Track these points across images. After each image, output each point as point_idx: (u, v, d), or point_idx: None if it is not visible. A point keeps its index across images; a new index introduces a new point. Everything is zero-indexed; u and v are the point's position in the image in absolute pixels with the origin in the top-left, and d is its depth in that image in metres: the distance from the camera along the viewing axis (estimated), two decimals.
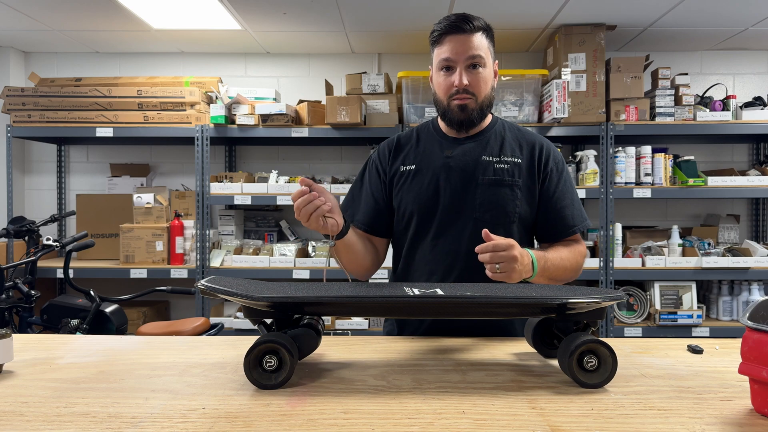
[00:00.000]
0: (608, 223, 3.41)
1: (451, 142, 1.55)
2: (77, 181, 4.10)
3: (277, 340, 1.00)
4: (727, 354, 1.22)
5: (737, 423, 0.85)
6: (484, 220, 1.46)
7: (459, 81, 1.44)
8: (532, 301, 1.06)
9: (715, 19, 3.32)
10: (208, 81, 3.70)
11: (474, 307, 1.10)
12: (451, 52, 1.44)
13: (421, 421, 0.85)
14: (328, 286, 1.15)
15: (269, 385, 0.99)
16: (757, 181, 3.42)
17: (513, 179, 1.49)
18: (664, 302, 3.46)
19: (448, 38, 1.45)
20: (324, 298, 1.05)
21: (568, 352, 1.00)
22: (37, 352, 1.22)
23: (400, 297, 1.05)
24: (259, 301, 1.02)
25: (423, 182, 1.52)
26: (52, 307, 2.79)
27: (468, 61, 1.44)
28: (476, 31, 1.44)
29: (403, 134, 1.64)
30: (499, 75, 1.96)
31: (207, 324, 2.94)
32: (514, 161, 1.51)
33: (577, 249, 1.51)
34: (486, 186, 1.48)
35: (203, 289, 1.05)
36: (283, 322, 1.09)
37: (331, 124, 3.42)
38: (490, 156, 1.51)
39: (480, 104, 1.48)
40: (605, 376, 1.00)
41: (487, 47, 1.47)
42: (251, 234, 3.93)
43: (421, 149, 1.57)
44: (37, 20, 3.35)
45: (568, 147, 3.87)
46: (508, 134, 1.56)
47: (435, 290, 1.08)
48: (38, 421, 0.85)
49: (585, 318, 1.08)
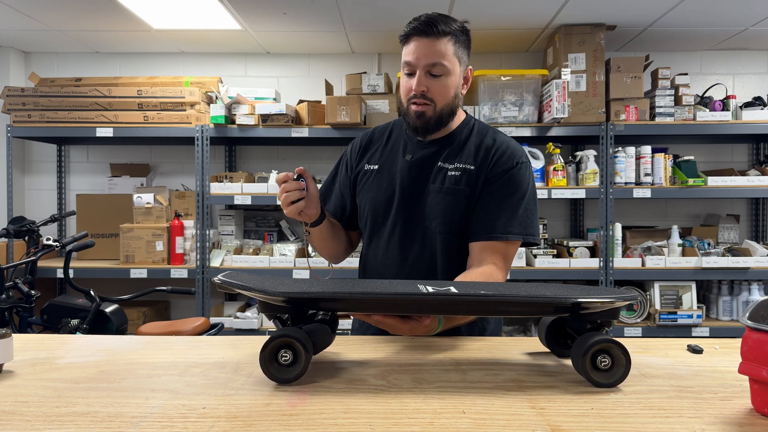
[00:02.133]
0: (608, 223, 3.41)
1: (415, 144, 1.51)
2: (77, 181, 4.10)
3: (292, 334, 1.00)
4: (727, 354, 1.22)
5: (737, 423, 0.85)
6: (431, 229, 1.44)
7: (416, 86, 1.40)
8: (546, 300, 1.05)
9: (715, 19, 3.32)
10: (208, 81, 3.70)
11: (488, 306, 1.10)
12: (413, 55, 1.39)
13: (421, 420, 0.85)
14: (342, 282, 1.15)
15: (285, 379, 1.00)
16: (757, 181, 3.42)
17: (460, 187, 1.43)
18: (664, 302, 3.46)
19: (413, 39, 1.39)
20: (339, 294, 1.05)
21: (581, 352, 1.00)
22: (37, 352, 1.22)
23: (414, 294, 1.05)
24: (274, 296, 1.03)
25: (381, 185, 1.51)
26: (52, 307, 2.79)
27: (427, 67, 1.38)
28: (442, 36, 1.37)
29: (380, 127, 1.62)
30: (501, 75, 1.96)
31: (207, 324, 2.94)
32: (466, 168, 1.44)
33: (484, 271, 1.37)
34: (434, 194, 1.44)
35: (219, 283, 1.06)
36: (298, 318, 1.10)
37: (331, 124, 3.42)
38: (446, 162, 1.46)
39: (439, 112, 1.42)
40: (618, 375, 1.00)
41: (454, 53, 1.40)
42: (251, 234, 3.93)
43: (388, 148, 1.55)
44: (37, 20, 3.35)
45: (568, 147, 3.87)
46: (473, 139, 1.49)
47: (449, 288, 1.08)
48: (38, 421, 0.85)
49: (599, 318, 1.07)
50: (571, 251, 3.49)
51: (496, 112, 3.42)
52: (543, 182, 3.48)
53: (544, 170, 3.49)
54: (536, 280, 3.37)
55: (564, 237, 3.92)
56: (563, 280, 3.50)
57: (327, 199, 1.64)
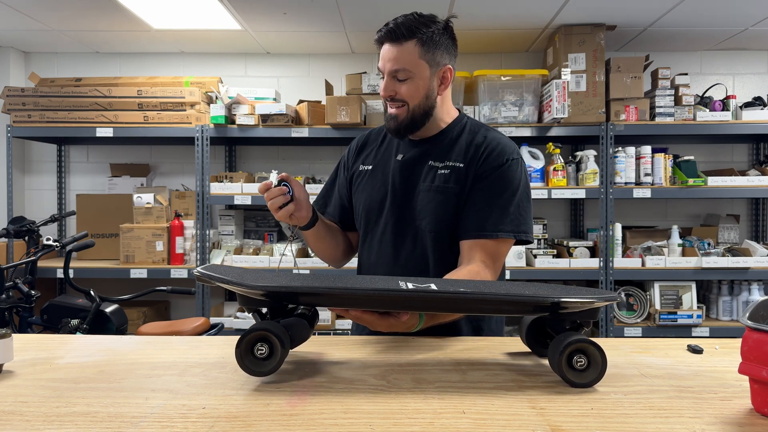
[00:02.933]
0: (608, 223, 3.41)
1: (407, 144, 1.52)
2: (77, 181, 4.10)
3: (268, 328, 1.01)
4: (727, 354, 1.22)
5: (737, 423, 0.85)
6: (422, 228, 1.45)
7: (383, 91, 1.44)
8: (525, 299, 1.06)
9: (715, 19, 3.32)
10: (208, 81, 3.70)
11: (467, 303, 1.10)
12: (381, 60, 1.44)
13: (421, 421, 0.85)
14: (323, 277, 1.15)
15: (260, 372, 1.01)
16: (757, 181, 3.42)
17: (449, 186, 1.43)
18: (664, 302, 3.46)
19: (383, 44, 1.43)
20: (317, 289, 1.05)
21: (557, 351, 1.01)
22: (37, 352, 1.22)
23: (393, 290, 1.05)
24: (252, 289, 1.03)
25: (375, 184, 1.53)
26: (52, 307, 2.79)
27: (392, 73, 1.41)
28: (407, 41, 1.38)
29: (376, 129, 1.65)
30: (501, 75, 1.95)
31: (207, 324, 2.94)
32: (456, 166, 1.45)
33: (471, 270, 1.35)
34: (425, 193, 1.45)
35: (199, 275, 1.07)
36: (277, 311, 1.11)
37: (331, 124, 3.42)
38: (437, 161, 1.47)
39: (411, 113, 1.43)
40: (595, 375, 1.00)
41: (420, 57, 1.39)
42: (251, 234, 3.93)
43: (382, 149, 1.57)
44: (37, 20, 3.35)
45: (568, 147, 3.87)
46: (464, 137, 1.49)
47: (429, 285, 1.09)
48: (38, 421, 0.85)
49: (578, 318, 1.08)
50: (571, 251, 3.49)
51: (496, 112, 3.42)
52: (543, 182, 3.48)
53: (544, 170, 3.49)
54: (536, 280, 3.37)
55: (564, 237, 3.92)
56: (563, 281, 3.50)
57: (327, 202, 1.65)
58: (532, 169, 3.45)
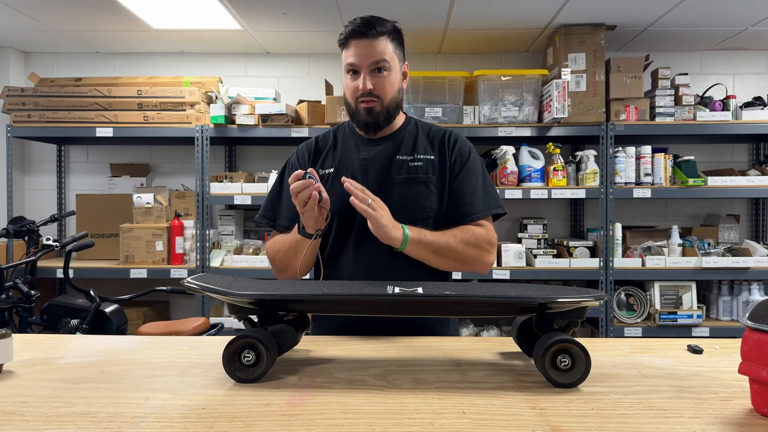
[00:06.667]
0: (608, 223, 3.41)
1: (367, 143, 1.58)
2: (77, 181, 4.10)
3: (255, 335, 1.03)
4: (727, 354, 1.22)
5: (737, 423, 0.85)
6: (402, 217, 1.46)
7: (363, 85, 1.48)
8: (511, 300, 1.08)
9: (715, 19, 3.32)
10: (208, 81, 3.70)
11: (454, 306, 1.13)
12: (356, 57, 1.47)
13: (421, 421, 0.85)
14: (311, 284, 1.16)
15: (246, 379, 1.02)
16: (757, 181, 3.42)
17: (427, 176, 1.52)
18: (664, 302, 3.46)
19: (353, 42, 1.47)
20: (303, 296, 1.07)
21: (541, 351, 1.01)
22: (37, 352, 1.22)
23: (380, 295, 1.06)
24: (238, 297, 1.05)
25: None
26: (52, 307, 2.79)
27: (372, 66, 1.47)
28: (380, 36, 1.47)
29: (320, 136, 1.67)
30: (501, 75, 1.95)
31: (207, 324, 2.93)
32: (427, 158, 1.54)
33: (470, 230, 1.49)
34: (401, 184, 1.51)
35: (188, 286, 1.09)
36: (267, 319, 1.12)
37: (331, 124, 3.42)
38: (404, 155, 1.54)
39: (386, 107, 1.51)
40: (578, 375, 1.00)
41: (393, 51, 1.50)
42: (251, 234, 3.93)
43: (339, 151, 1.60)
44: (37, 20, 3.35)
45: (568, 147, 3.86)
46: (420, 133, 1.59)
47: (415, 289, 1.09)
48: (38, 421, 0.85)
49: (565, 318, 1.08)
50: (571, 251, 3.49)
51: (496, 112, 3.42)
52: (543, 182, 3.47)
53: (544, 170, 3.49)
54: (536, 280, 3.38)
55: (564, 237, 3.92)
56: (563, 281, 3.50)
57: (276, 214, 1.61)
58: (532, 169, 3.45)
